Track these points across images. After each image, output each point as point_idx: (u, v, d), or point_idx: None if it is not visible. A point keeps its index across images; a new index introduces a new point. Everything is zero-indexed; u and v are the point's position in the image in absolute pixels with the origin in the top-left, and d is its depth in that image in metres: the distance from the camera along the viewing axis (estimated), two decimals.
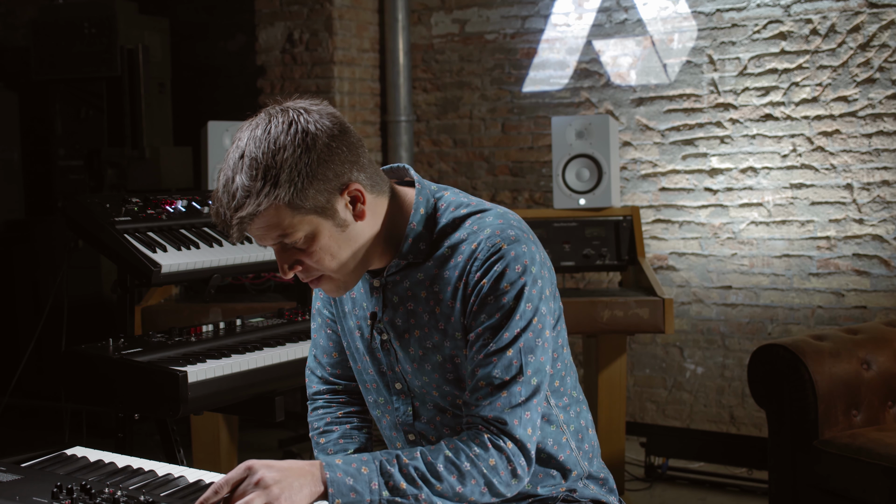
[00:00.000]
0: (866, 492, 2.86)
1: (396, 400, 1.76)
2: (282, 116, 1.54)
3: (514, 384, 1.59)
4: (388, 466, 1.53)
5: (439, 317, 1.66)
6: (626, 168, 4.68)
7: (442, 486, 1.55)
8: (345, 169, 1.56)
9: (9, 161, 5.42)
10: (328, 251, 1.59)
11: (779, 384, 3.06)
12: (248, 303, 3.92)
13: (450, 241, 1.65)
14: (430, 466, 1.55)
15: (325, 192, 1.54)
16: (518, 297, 1.60)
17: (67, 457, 1.80)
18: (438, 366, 1.67)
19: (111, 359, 2.35)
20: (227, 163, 1.54)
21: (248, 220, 1.52)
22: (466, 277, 1.62)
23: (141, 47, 4.94)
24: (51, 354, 4.91)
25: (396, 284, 1.69)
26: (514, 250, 1.61)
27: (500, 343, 1.60)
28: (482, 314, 1.60)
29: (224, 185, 1.53)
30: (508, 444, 1.59)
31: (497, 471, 1.58)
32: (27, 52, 5.32)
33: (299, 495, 1.47)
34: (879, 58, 4.14)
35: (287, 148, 1.51)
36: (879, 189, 4.17)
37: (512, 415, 1.59)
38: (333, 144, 1.54)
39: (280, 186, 1.50)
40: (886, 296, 4.17)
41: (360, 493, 1.50)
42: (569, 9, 4.81)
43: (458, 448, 1.57)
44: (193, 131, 4.94)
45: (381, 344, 1.73)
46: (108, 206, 2.67)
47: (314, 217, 1.55)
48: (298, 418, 4.69)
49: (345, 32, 5.09)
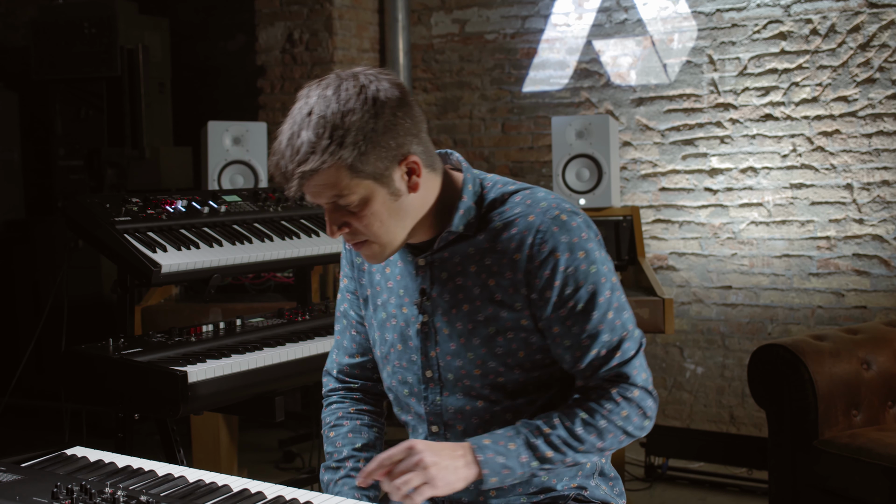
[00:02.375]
0: (866, 492, 2.86)
1: (425, 389, 1.77)
2: (353, 81, 1.57)
3: (623, 343, 1.68)
4: (532, 439, 1.62)
5: (494, 289, 1.68)
6: (626, 168, 4.68)
7: (584, 446, 1.65)
8: (406, 140, 1.60)
9: (9, 161, 5.42)
10: (378, 217, 1.61)
11: (779, 384, 3.06)
12: (248, 303, 3.92)
13: (501, 214, 1.69)
14: (570, 431, 1.64)
15: (384, 159, 1.58)
16: (595, 261, 1.66)
17: (67, 457, 1.80)
18: (488, 339, 1.69)
19: (111, 359, 2.35)
20: (292, 118, 1.58)
21: (308, 175, 1.55)
22: (531, 250, 1.64)
23: (141, 47, 4.94)
24: (51, 354, 4.91)
25: (444, 261, 1.72)
26: (575, 220, 1.66)
27: (601, 309, 1.66)
28: (569, 287, 1.64)
29: (289, 139, 1.56)
30: (635, 393, 1.68)
31: (630, 419, 1.68)
32: (27, 52, 5.32)
33: (454, 476, 1.54)
34: (879, 58, 4.14)
35: (356, 112, 1.54)
36: (879, 189, 4.17)
37: (629, 368, 1.69)
38: (399, 114, 1.58)
39: (345, 147, 1.53)
40: (886, 296, 4.17)
41: (512, 469, 1.59)
42: (569, 9, 4.81)
43: (591, 409, 1.66)
44: (193, 131, 4.94)
45: (421, 328, 1.74)
46: (108, 206, 2.67)
47: (371, 182, 1.58)
48: (298, 418, 4.69)
49: (345, 32, 5.09)
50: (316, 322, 2.84)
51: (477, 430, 1.73)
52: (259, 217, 2.99)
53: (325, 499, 1.61)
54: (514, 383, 1.71)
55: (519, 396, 1.72)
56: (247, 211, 2.98)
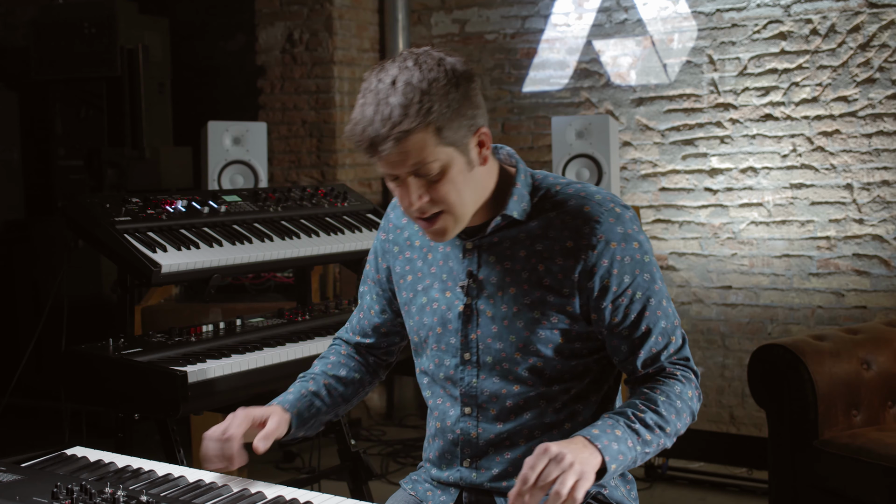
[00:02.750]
0: (866, 492, 2.86)
1: (462, 371, 1.80)
2: (429, 56, 1.64)
3: (677, 329, 1.77)
4: (632, 424, 1.66)
5: (543, 273, 1.72)
6: (626, 168, 4.68)
7: (669, 427, 1.70)
8: (478, 112, 1.67)
9: (9, 161, 5.42)
10: (455, 186, 1.66)
11: (779, 384, 3.06)
12: (248, 303, 3.93)
13: (555, 203, 1.75)
14: (657, 413, 1.69)
15: (464, 127, 1.64)
16: (648, 252, 1.74)
17: (67, 457, 1.81)
18: (532, 322, 1.73)
19: (111, 359, 2.35)
20: (373, 90, 1.62)
21: (402, 137, 1.59)
22: (586, 239, 1.70)
23: (141, 47, 4.94)
24: (51, 354, 4.90)
25: (493, 245, 1.77)
26: (628, 213, 1.74)
27: (657, 296, 1.74)
28: (626, 276, 1.71)
29: (376, 107, 1.60)
30: (691, 375, 1.77)
31: (693, 400, 1.75)
32: (27, 52, 5.32)
33: (588, 467, 1.56)
34: (879, 58, 4.14)
35: (440, 80, 1.61)
36: (879, 189, 4.17)
37: (686, 351, 1.78)
38: (472, 87, 1.66)
39: (433, 112, 1.59)
40: (886, 296, 4.17)
41: (625, 454, 1.63)
42: (569, 9, 4.81)
43: (665, 392, 1.71)
44: (193, 131, 4.94)
45: (463, 310, 1.78)
46: (108, 206, 2.67)
47: (452, 150, 1.64)
48: None
49: (345, 32, 5.09)
50: (316, 322, 2.84)
51: (509, 414, 1.77)
52: (259, 217, 2.99)
53: (325, 499, 1.62)
54: (552, 369, 1.75)
55: (555, 383, 1.76)
56: (247, 211, 2.98)
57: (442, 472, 1.85)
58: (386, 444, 4.68)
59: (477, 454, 1.80)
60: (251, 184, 4.25)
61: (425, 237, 1.84)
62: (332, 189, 3.32)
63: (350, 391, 1.97)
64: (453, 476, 1.83)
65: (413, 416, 5.14)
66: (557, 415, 1.77)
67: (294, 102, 5.16)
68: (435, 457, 1.87)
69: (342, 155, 5.11)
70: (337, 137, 5.08)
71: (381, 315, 1.98)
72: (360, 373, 1.99)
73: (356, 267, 3.18)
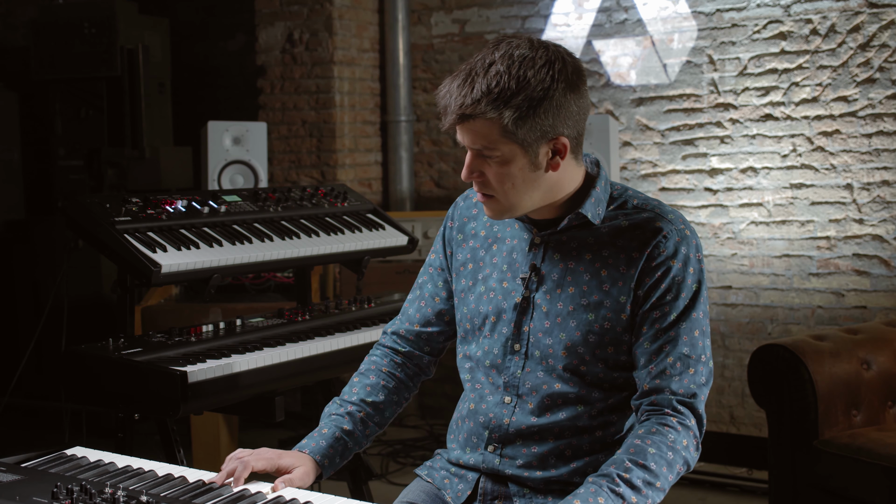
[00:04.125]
0: (866, 492, 2.86)
1: (509, 360, 1.81)
2: (543, 53, 1.66)
3: (699, 364, 1.74)
4: (616, 488, 1.61)
5: (605, 279, 1.75)
6: (626, 168, 4.68)
7: (660, 481, 1.66)
8: (564, 123, 1.68)
9: (9, 161, 5.42)
10: (511, 179, 1.69)
11: (779, 384, 3.06)
12: (248, 303, 3.92)
13: (628, 215, 1.78)
14: (645, 468, 1.65)
15: (537, 132, 1.66)
16: (700, 281, 1.75)
17: (67, 457, 1.80)
18: (585, 324, 1.75)
19: (111, 359, 2.35)
20: (473, 63, 1.66)
21: (463, 119, 1.65)
22: (652, 251, 1.73)
23: (141, 47, 4.94)
24: (51, 354, 4.91)
25: (560, 243, 1.79)
26: (696, 239, 1.77)
27: (689, 323, 1.73)
28: (670, 293, 1.72)
29: (464, 79, 1.65)
30: (692, 421, 1.73)
31: (689, 449, 1.73)
32: (27, 52, 5.32)
33: None
34: (879, 58, 4.14)
35: (531, 82, 1.63)
36: (879, 189, 4.17)
37: (700, 391, 1.74)
38: (568, 97, 1.67)
39: (508, 108, 1.62)
40: (886, 296, 4.17)
41: None
42: (569, 9, 4.81)
43: (656, 442, 1.68)
44: (193, 131, 4.94)
45: (521, 301, 1.80)
46: (108, 206, 2.67)
47: (516, 147, 1.67)
48: (298, 418, 4.69)
49: (345, 32, 5.09)
50: (316, 322, 2.84)
51: (545, 410, 1.78)
52: (259, 217, 2.99)
53: (325, 499, 1.62)
54: (593, 375, 1.76)
55: (595, 389, 1.77)
56: (247, 211, 2.98)
57: (465, 454, 1.86)
58: (386, 444, 4.68)
59: (504, 440, 1.81)
60: (251, 184, 4.25)
61: (491, 228, 1.89)
62: (332, 189, 3.32)
63: (387, 415, 1.96)
64: (475, 459, 1.84)
65: (413, 416, 5.14)
66: (592, 420, 1.78)
67: (294, 102, 5.16)
68: (462, 439, 1.88)
69: (342, 155, 5.11)
70: (337, 137, 5.08)
71: (447, 301, 1.98)
72: (397, 393, 1.97)
73: (356, 267, 3.18)
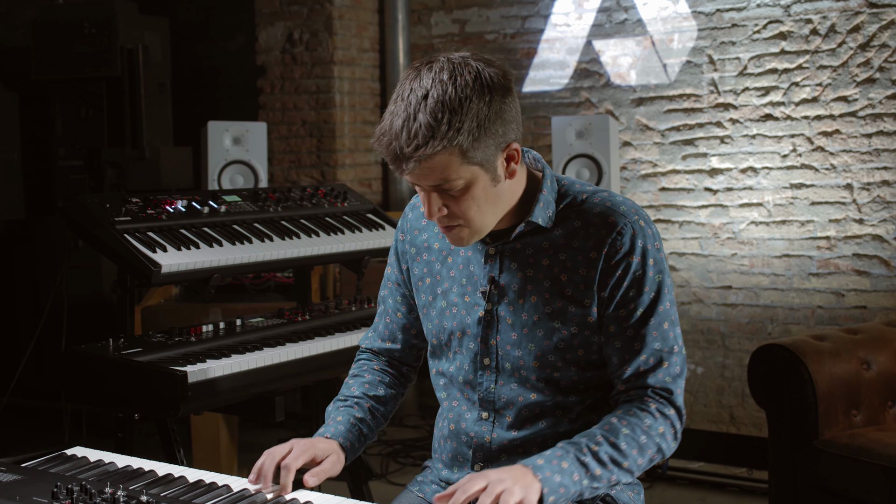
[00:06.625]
0: (866, 492, 2.86)
1: (481, 376, 1.79)
2: (466, 67, 1.60)
3: (672, 355, 1.73)
4: (582, 457, 1.62)
5: (566, 283, 1.72)
6: (626, 168, 4.68)
7: (627, 462, 1.66)
8: (511, 128, 1.64)
9: (9, 161, 5.42)
10: (477, 202, 1.65)
11: (779, 384, 3.06)
12: (248, 303, 3.92)
13: (580, 212, 1.73)
14: (615, 446, 1.65)
15: (492, 146, 1.61)
16: (662, 271, 1.72)
17: (67, 457, 1.81)
18: (551, 332, 1.72)
19: (111, 359, 2.35)
20: (405, 101, 1.59)
21: (424, 158, 1.57)
22: (609, 249, 1.69)
23: (141, 47, 4.94)
24: (51, 354, 4.91)
25: (516, 252, 1.76)
26: (652, 229, 1.73)
27: (658, 317, 1.71)
28: (633, 290, 1.69)
29: (404, 122, 1.57)
30: (671, 411, 1.73)
31: (665, 437, 1.72)
32: (27, 52, 5.32)
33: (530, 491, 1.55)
34: (879, 58, 4.14)
35: (472, 99, 1.57)
36: (879, 189, 4.17)
37: (675, 384, 1.74)
38: (507, 101, 1.62)
39: (461, 133, 1.57)
40: (886, 296, 4.17)
41: (567, 487, 1.59)
42: (569, 9, 4.81)
43: (631, 424, 1.67)
44: (193, 131, 4.94)
45: (484, 315, 1.77)
46: (108, 206, 2.67)
47: (477, 168, 1.62)
48: (298, 418, 4.69)
49: (345, 32, 5.09)
50: (316, 322, 2.84)
51: (525, 422, 1.76)
52: (259, 217, 2.99)
53: (325, 499, 1.61)
54: (567, 380, 1.74)
55: (571, 394, 1.76)
56: (247, 211, 2.98)
57: (452, 473, 1.85)
58: (386, 444, 4.68)
59: (489, 458, 1.80)
60: (251, 184, 4.25)
61: (444, 240, 1.84)
62: (332, 189, 3.32)
63: (389, 409, 1.96)
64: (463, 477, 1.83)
65: (413, 416, 5.14)
66: (572, 425, 1.76)
67: (294, 102, 5.17)
68: (447, 458, 1.86)
69: (342, 155, 5.11)
70: (337, 137, 5.08)
71: (408, 315, 1.96)
72: (395, 387, 1.98)
73: (356, 267, 3.18)
